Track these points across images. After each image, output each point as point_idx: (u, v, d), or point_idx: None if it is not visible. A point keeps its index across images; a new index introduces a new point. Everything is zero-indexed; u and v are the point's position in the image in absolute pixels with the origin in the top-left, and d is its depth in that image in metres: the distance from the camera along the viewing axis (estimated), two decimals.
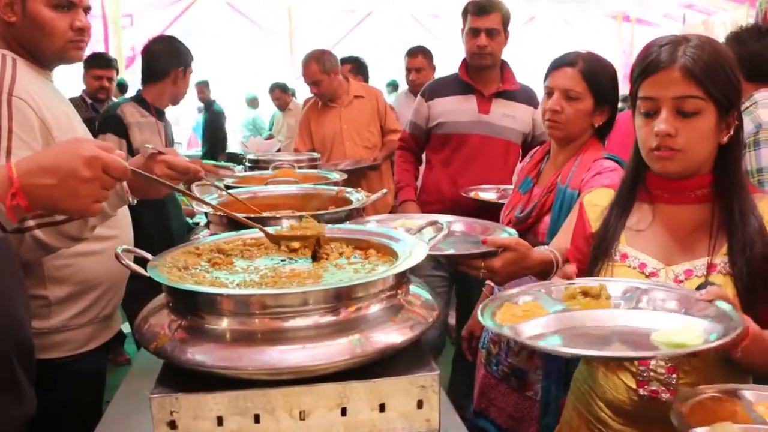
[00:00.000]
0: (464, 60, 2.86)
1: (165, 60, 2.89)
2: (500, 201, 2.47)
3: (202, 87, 8.09)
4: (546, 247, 1.49)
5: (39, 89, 1.55)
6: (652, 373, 1.23)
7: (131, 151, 2.70)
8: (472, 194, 2.58)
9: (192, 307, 0.97)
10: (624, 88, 1.59)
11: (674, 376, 1.22)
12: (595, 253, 1.35)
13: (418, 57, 4.39)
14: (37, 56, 1.63)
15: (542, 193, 1.76)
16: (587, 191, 1.51)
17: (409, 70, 4.46)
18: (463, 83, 2.83)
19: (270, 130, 8.41)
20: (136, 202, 1.43)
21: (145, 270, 1.05)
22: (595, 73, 1.70)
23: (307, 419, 0.94)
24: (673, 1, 10.28)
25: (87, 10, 1.68)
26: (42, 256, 1.49)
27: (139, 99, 2.90)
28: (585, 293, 1.15)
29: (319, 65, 3.71)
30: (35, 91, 1.52)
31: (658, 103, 1.19)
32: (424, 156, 3.14)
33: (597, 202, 1.42)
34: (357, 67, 4.83)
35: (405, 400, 0.98)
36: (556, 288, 1.20)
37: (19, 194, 0.92)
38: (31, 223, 1.33)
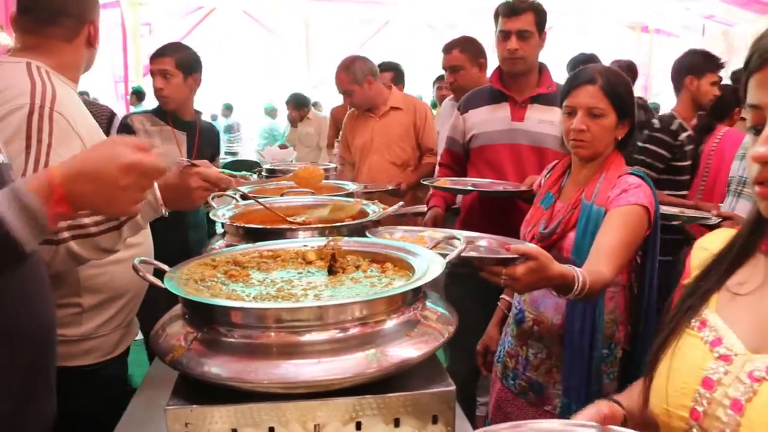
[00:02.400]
0: (498, 66, 2.64)
1: None
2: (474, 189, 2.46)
3: None
4: (571, 266, 1.46)
5: (71, 102, 1.59)
6: None
7: None
8: (431, 182, 2.54)
9: (208, 319, 0.98)
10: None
11: None
12: (674, 314, 0.99)
13: (453, 52, 3.37)
14: (87, 71, 1.76)
15: (566, 209, 1.75)
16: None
17: (446, 70, 3.47)
18: (495, 91, 2.62)
19: (282, 139, 8.35)
20: (168, 213, 1.45)
21: (162, 281, 1.06)
22: (615, 88, 1.70)
23: None
24: (693, 11, 10.18)
25: None
26: (74, 267, 1.51)
27: (157, 109, 2.95)
28: None
29: (348, 74, 3.44)
30: (68, 104, 1.56)
31: None
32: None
33: (708, 245, 1.06)
34: (396, 76, 4.34)
35: (420, 415, 0.97)
36: None
37: (61, 202, 0.93)
38: (65, 234, 1.34)
